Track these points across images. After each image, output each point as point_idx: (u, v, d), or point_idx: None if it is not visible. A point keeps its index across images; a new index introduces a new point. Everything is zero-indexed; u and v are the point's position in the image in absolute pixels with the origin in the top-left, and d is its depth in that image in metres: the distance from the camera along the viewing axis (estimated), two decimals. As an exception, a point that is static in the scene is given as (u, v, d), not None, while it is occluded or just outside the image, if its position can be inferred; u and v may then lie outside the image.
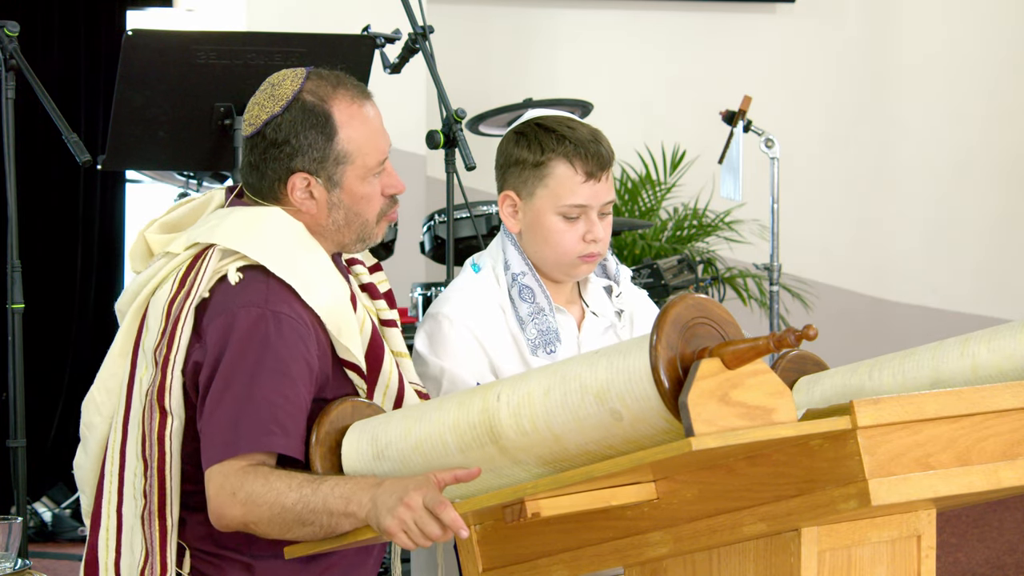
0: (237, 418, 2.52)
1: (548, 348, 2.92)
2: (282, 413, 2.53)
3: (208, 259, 2.63)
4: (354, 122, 2.67)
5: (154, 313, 2.64)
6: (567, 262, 2.94)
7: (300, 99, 2.65)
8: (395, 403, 2.71)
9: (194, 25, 6.51)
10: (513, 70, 7.46)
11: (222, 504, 2.49)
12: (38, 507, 5.48)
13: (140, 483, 2.60)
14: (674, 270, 5.30)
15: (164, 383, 2.59)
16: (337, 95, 2.68)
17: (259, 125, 2.67)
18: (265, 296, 2.58)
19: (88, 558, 2.65)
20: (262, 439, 2.51)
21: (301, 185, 2.67)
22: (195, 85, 4.01)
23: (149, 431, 2.59)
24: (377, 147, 2.70)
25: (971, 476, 2.26)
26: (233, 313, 2.57)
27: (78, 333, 5.86)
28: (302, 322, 2.59)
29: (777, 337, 2.14)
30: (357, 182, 2.69)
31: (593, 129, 2.94)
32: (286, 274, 2.60)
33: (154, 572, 2.59)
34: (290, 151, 2.65)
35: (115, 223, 5.97)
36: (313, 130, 2.65)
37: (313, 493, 2.44)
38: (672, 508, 2.30)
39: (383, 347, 2.72)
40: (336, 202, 2.69)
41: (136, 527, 2.61)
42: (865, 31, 7.78)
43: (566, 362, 2.34)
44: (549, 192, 2.91)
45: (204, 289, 2.60)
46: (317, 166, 2.66)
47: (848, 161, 7.78)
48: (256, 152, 2.69)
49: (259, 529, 2.49)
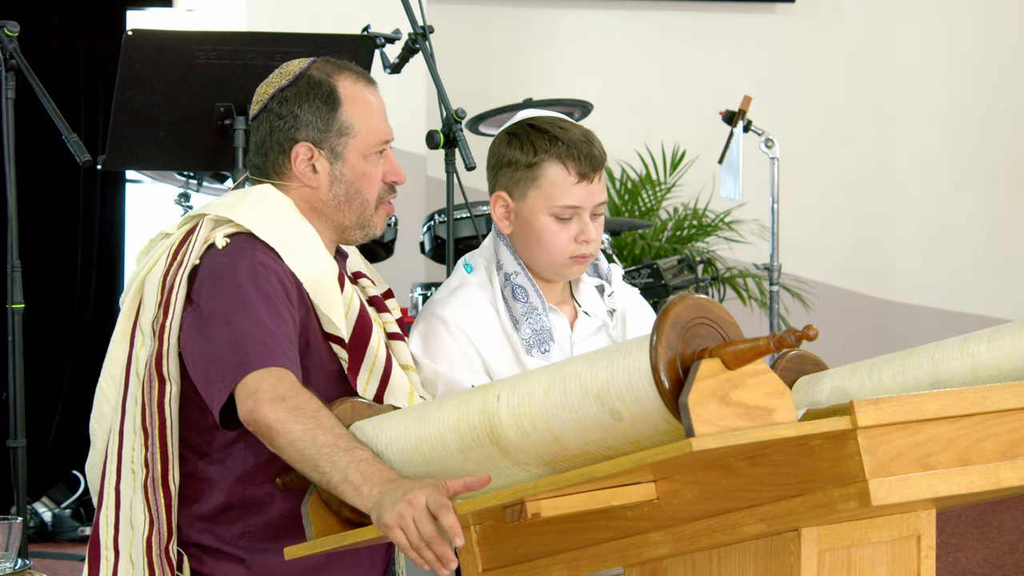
0: (246, 340, 2.53)
1: (542, 348, 2.92)
2: (285, 343, 2.56)
3: (199, 230, 2.69)
4: (358, 99, 2.77)
5: (150, 289, 2.69)
6: (559, 263, 2.94)
7: (306, 74, 2.76)
8: (381, 382, 2.73)
9: (194, 25, 6.51)
10: (513, 70, 7.46)
11: (264, 400, 2.46)
12: (38, 507, 5.48)
13: (140, 455, 2.62)
14: (674, 270, 5.30)
15: (161, 350, 2.63)
16: (343, 74, 2.78)
17: (265, 100, 2.76)
18: (252, 252, 2.64)
19: (92, 538, 2.69)
20: (276, 357, 2.52)
21: (304, 155, 2.74)
22: (195, 85, 4.01)
23: (149, 400, 2.63)
24: (380, 127, 2.78)
25: (971, 476, 2.26)
26: (220, 270, 2.62)
27: (78, 333, 5.86)
28: (287, 278, 2.64)
29: (777, 337, 2.14)
30: (358, 158, 2.76)
31: (585, 130, 2.95)
32: (271, 238, 2.67)
33: (161, 539, 2.61)
34: (294, 121, 2.74)
35: (115, 223, 5.96)
36: (318, 100, 2.74)
37: (346, 452, 2.42)
38: (672, 508, 2.30)
39: (371, 326, 2.74)
40: (338, 175, 2.75)
41: (136, 500, 2.63)
42: (865, 31, 7.78)
43: (566, 362, 2.34)
44: (542, 193, 2.91)
45: (195, 257, 2.66)
46: (321, 136, 2.74)
47: (848, 161, 7.78)
48: (262, 129, 2.77)
49: (276, 441, 2.46)
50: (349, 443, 2.44)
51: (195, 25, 6.51)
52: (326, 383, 2.68)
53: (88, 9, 5.97)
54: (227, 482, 2.68)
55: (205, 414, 2.62)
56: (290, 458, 2.46)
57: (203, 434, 2.67)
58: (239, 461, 2.67)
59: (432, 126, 4.26)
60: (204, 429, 2.66)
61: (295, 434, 2.44)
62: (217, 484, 2.68)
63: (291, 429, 2.44)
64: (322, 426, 2.44)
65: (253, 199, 2.73)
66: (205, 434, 2.67)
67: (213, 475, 2.68)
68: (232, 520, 2.68)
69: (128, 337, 2.71)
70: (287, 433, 2.45)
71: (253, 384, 2.49)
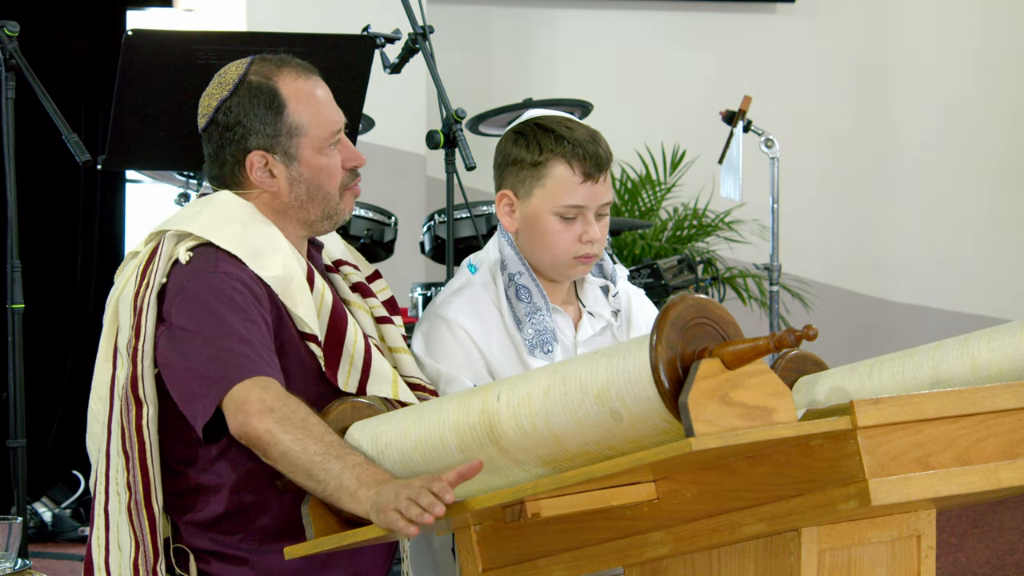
0: (224, 352, 2.52)
1: (545, 348, 2.92)
2: (263, 349, 2.55)
3: (161, 247, 2.68)
4: (301, 95, 2.73)
5: (124, 310, 2.68)
6: (563, 262, 2.94)
7: (246, 81, 2.73)
8: (362, 374, 2.72)
9: (194, 25, 6.51)
10: (513, 70, 7.46)
11: (253, 413, 2.46)
12: (38, 507, 5.48)
13: (123, 478, 2.61)
14: (674, 270, 5.30)
15: (136, 373, 2.62)
16: (282, 72, 2.74)
17: (211, 113, 2.74)
18: (215, 263, 2.64)
19: (86, 560, 2.68)
20: (257, 366, 2.51)
21: (259, 163, 2.72)
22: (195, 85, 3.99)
23: (127, 423, 2.62)
24: (328, 119, 2.75)
25: (971, 476, 2.26)
26: (186, 286, 2.61)
27: (78, 333, 5.86)
28: (255, 283, 2.63)
29: (777, 337, 2.14)
30: (313, 154, 2.73)
31: (592, 130, 2.94)
32: (232, 245, 2.66)
33: (147, 561, 2.61)
34: (243, 131, 2.71)
35: (115, 223, 5.96)
36: (261, 106, 2.71)
37: (338, 459, 2.42)
38: (672, 508, 2.30)
39: (346, 321, 2.73)
40: (296, 176, 2.73)
41: (122, 522, 2.62)
42: (865, 31, 7.78)
43: (566, 362, 2.34)
44: (547, 192, 2.91)
45: (161, 275, 2.65)
46: (271, 141, 2.72)
47: (848, 161, 7.78)
48: (213, 141, 2.76)
49: (269, 453, 2.46)
50: (341, 449, 2.44)
51: (195, 25, 6.51)
52: (305, 382, 2.67)
53: (88, 9, 5.97)
54: (224, 490, 2.67)
55: (192, 429, 2.61)
56: (284, 468, 2.46)
57: (193, 446, 2.66)
58: (233, 468, 2.66)
59: (432, 126, 4.26)
60: (192, 442, 2.64)
61: (286, 445, 2.44)
62: (214, 493, 2.67)
63: (282, 440, 2.44)
64: (312, 435, 2.44)
65: (212, 208, 2.72)
66: (195, 446, 2.66)
67: (212, 485, 2.67)
68: (233, 526, 2.67)
69: (111, 358, 2.70)
70: (278, 444, 2.44)
71: (240, 397, 2.48)
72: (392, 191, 6.04)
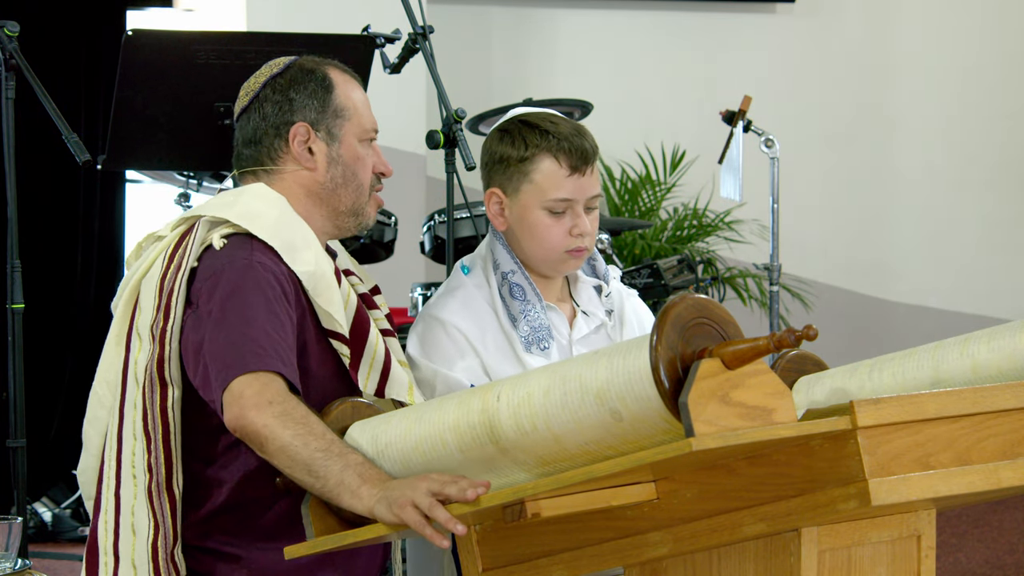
0: (241, 341, 2.52)
1: (541, 345, 2.92)
2: (281, 345, 2.55)
3: (195, 232, 2.69)
4: (348, 86, 2.81)
5: (147, 292, 2.67)
6: (555, 257, 2.95)
7: (297, 63, 2.80)
8: (381, 377, 2.73)
9: (194, 25, 6.51)
10: (513, 70, 7.46)
11: (250, 406, 2.45)
12: (38, 507, 5.48)
13: (142, 460, 2.60)
14: (674, 270, 5.30)
15: (163, 354, 2.62)
16: (331, 65, 2.83)
17: (257, 89, 2.79)
18: (250, 252, 2.64)
19: (89, 543, 2.66)
20: (269, 360, 2.51)
21: (302, 136, 2.76)
22: (195, 85, 4.01)
23: (151, 404, 2.61)
24: (369, 116, 2.82)
25: (971, 476, 2.26)
26: (219, 271, 2.61)
27: (78, 333, 5.86)
28: (285, 278, 2.63)
29: (777, 337, 2.14)
30: (354, 141, 2.79)
31: (576, 124, 2.96)
32: (269, 236, 2.66)
33: (167, 543, 2.60)
34: (289, 106, 2.77)
35: (115, 223, 5.97)
36: (312, 83, 2.77)
37: (339, 456, 2.41)
38: (672, 508, 2.30)
39: (369, 322, 2.75)
40: (335, 157, 2.77)
41: (139, 505, 2.61)
42: (865, 31, 7.78)
43: (566, 362, 2.34)
44: (534, 187, 2.92)
45: (192, 259, 2.66)
46: (317, 117, 2.76)
47: (848, 161, 7.78)
48: (254, 118, 2.79)
49: (266, 447, 2.45)
50: (342, 448, 2.43)
51: (195, 25, 6.51)
52: (325, 382, 2.67)
53: (88, 9, 5.97)
54: (229, 484, 2.67)
55: (207, 418, 2.61)
56: (281, 464, 2.45)
57: (206, 437, 2.66)
58: (243, 463, 2.66)
59: (432, 126, 4.25)
60: (207, 432, 2.64)
61: (285, 440, 2.43)
62: (219, 487, 2.67)
63: (281, 435, 2.43)
64: (313, 432, 2.43)
65: (248, 197, 2.73)
66: (209, 437, 2.66)
67: (216, 479, 2.67)
68: (230, 521, 2.67)
69: (124, 341, 2.69)
70: (277, 439, 2.44)
71: (238, 389, 2.48)
72: (392, 191, 6.01)
